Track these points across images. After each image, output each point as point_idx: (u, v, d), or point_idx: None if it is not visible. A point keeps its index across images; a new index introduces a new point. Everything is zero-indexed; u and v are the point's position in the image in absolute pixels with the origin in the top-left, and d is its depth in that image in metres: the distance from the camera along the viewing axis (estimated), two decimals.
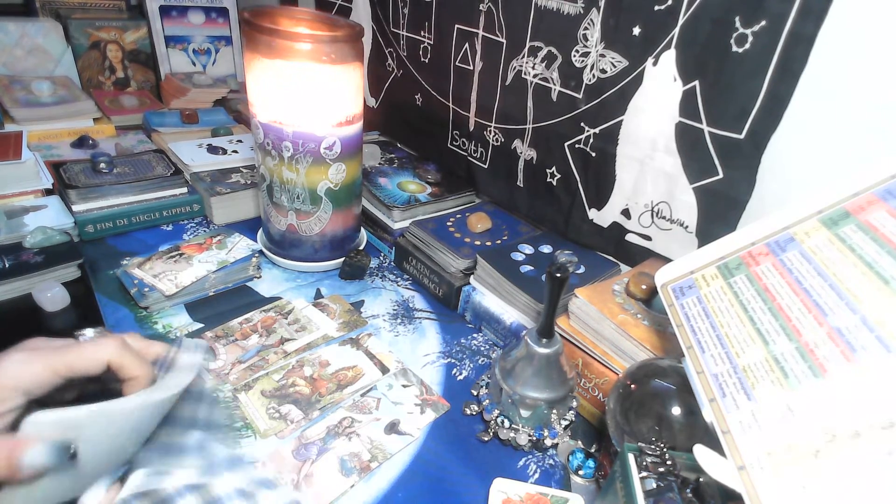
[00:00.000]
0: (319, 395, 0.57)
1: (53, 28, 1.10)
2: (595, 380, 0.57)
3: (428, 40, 0.90)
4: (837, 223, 0.39)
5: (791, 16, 0.48)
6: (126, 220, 0.80)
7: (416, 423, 0.56)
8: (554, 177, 0.77)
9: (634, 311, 0.57)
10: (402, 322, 0.71)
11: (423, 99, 0.96)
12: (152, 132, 1.05)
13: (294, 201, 0.72)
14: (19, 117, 0.98)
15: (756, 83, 0.52)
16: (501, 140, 0.83)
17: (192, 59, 1.29)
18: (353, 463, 0.51)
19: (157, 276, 0.67)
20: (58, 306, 0.64)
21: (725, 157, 0.57)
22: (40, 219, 0.74)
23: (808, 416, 0.32)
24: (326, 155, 0.68)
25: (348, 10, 1.05)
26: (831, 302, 0.36)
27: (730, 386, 0.37)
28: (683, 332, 0.42)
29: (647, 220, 0.67)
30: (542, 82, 0.73)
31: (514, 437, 0.53)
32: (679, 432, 0.42)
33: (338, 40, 0.63)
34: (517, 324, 0.66)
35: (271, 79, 0.64)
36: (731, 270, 0.43)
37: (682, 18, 0.56)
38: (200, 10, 1.25)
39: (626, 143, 0.66)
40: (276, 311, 0.69)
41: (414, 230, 0.78)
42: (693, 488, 0.37)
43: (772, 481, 0.31)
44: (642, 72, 0.61)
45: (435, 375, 0.63)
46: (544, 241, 0.77)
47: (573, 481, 0.51)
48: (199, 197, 0.86)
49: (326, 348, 0.64)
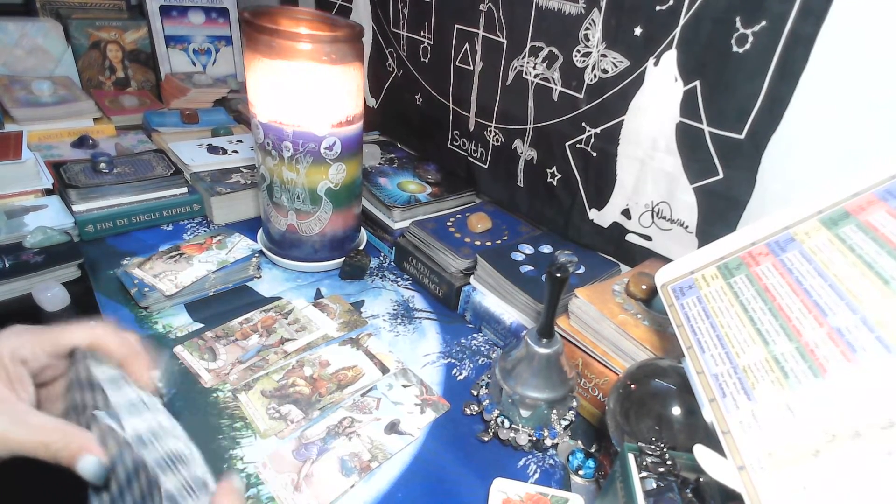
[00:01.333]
0: (319, 395, 0.57)
1: (53, 28, 1.10)
2: (595, 380, 0.57)
3: (428, 40, 0.90)
4: (837, 223, 0.39)
5: (791, 16, 0.48)
6: (126, 220, 0.80)
7: (417, 423, 0.56)
8: (554, 177, 0.77)
9: (634, 311, 0.57)
10: (402, 322, 0.71)
11: (423, 99, 0.96)
12: (152, 132, 1.04)
13: (294, 201, 0.72)
14: (19, 117, 0.98)
15: (756, 83, 0.52)
16: (502, 140, 0.83)
17: (193, 59, 1.29)
18: (353, 463, 0.51)
19: (157, 276, 0.67)
20: (58, 306, 0.64)
21: (726, 158, 0.57)
22: (40, 219, 0.74)
23: (808, 416, 0.32)
24: (326, 155, 0.68)
25: (348, 10, 1.05)
26: (831, 302, 0.36)
27: (730, 386, 0.37)
28: (683, 333, 0.42)
29: (648, 220, 0.67)
30: (544, 82, 0.73)
31: (514, 437, 0.53)
32: (679, 432, 0.42)
33: (338, 40, 0.63)
34: (517, 324, 0.66)
35: (271, 79, 0.64)
36: (731, 270, 0.43)
37: (683, 19, 0.56)
38: (200, 10, 1.25)
39: (626, 143, 0.66)
40: (276, 311, 0.69)
41: (414, 230, 0.78)
42: (693, 488, 0.37)
43: (772, 481, 0.31)
44: (643, 72, 0.61)
45: (435, 375, 0.63)
46: (544, 241, 0.77)
47: (573, 481, 0.51)
48: (199, 197, 0.86)
49: (326, 348, 0.64)
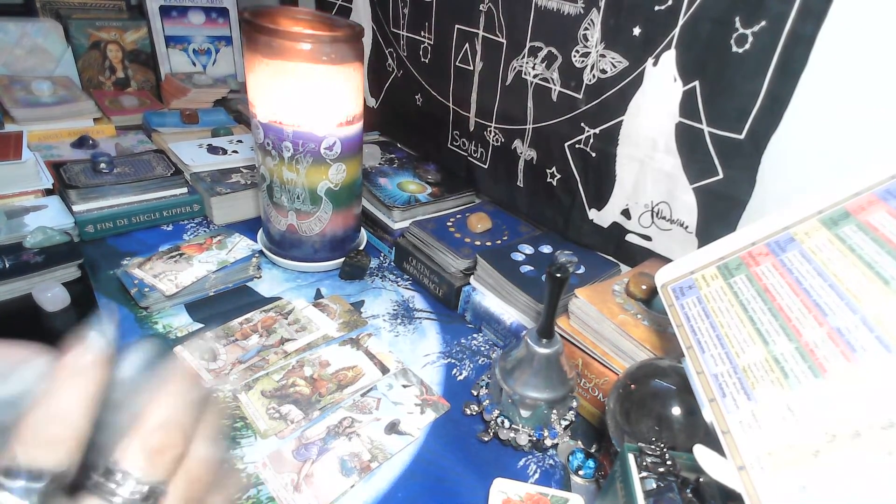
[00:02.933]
0: (319, 396, 0.57)
1: (53, 28, 1.10)
2: (595, 380, 0.57)
3: (428, 40, 0.90)
4: (837, 223, 0.39)
5: (791, 16, 0.48)
6: (126, 221, 0.80)
7: (417, 423, 0.56)
8: (554, 177, 0.77)
9: (634, 311, 0.57)
10: (402, 322, 0.71)
11: (423, 99, 0.96)
12: (152, 132, 1.04)
13: (294, 201, 0.72)
14: (19, 117, 0.98)
15: (756, 83, 0.52)
16: (501, 140, 0.83)
17: (192, 59, 1.28)
18: (353, 463, 0.51)
19: (157, 276, 0.67)
20: (58, 306, 0.64)
21: (725, 158, 0.57)
22: (40, 219, 0.74)
23: (808, 416, 0.32)
24: (326, 155, 0.68)
25: (348, 10, 1.05)
26: (831, 302, 0.36)
27: (730, 386, 0.37)
28: (683, 333, 0.42)
29: (647, 220, 0.67)
30: (543, 82, 0.73)
31: (514, 437, 0.53)
32: (679, 432, 0.42)
33: (338, 40, 0.63)
34: (517, 324, 0.66)
35: (271, 79, 0.64)
36: (731, 271, 0.43)
37: (682, 19, 0.56)
38: (200, 10, 1.25)
39: (626, 144, 0.66)
40: (276, 311, 0.69)
41: (414, 230, 0.78)
42: (693, 488, 0.37)
43: (772, 481, 0.31)
44: (642, 72, 0.61)
45: (435, 375, 0.63)
46: (544, 241, 0.77)
47: (573, 481, 0.51)
48: (199, 197, 0.86)
49: (326, 348, 0.64)
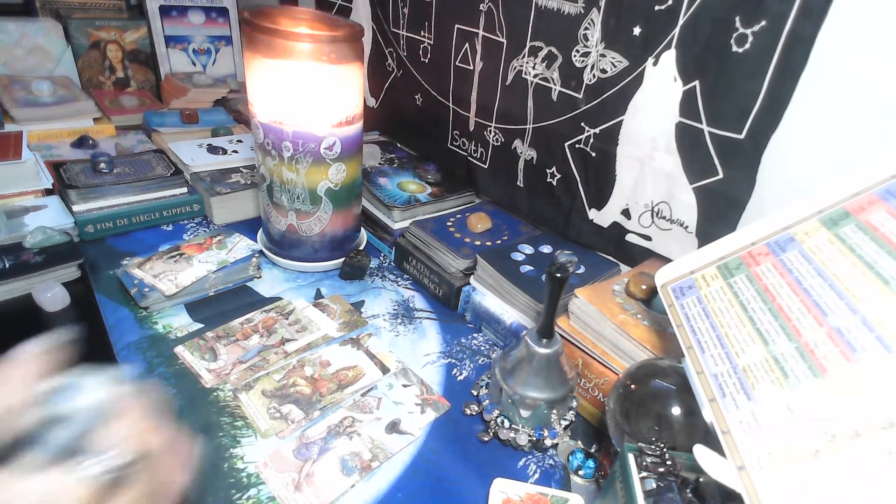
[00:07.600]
0: (320, 395, 0.57)
1: (53, 28, 1.10)
2: (595, 380, 0.57)
3: (428, 40, 0.90)
4: (837, 223, 0.39)
5: (791, 16, 0.48)
6: (126, 221, 0.80)
7: (417, 422, 0.56)
8: (554, 177, 0.77)
9: (634, 311, 0.57)
10: (403, 322, 0.71)
11: (423, 99, 0.96)
12: (152, 132, 1.04)
13: (294, 201, 0.72)
14: (19, 117, 0.98)
15: (756, 83, 0.52)
16: (501, 140, 0.83)
17: (192, 59, 1.28)
18: (353, 462, 0.51)
19: (157, 276, 0.67)
20: (58, 306, 0.64)
21: (725, 157, 0.57)
22: (40, 219, 0.74)
23: (808, 416, 0.32)
24: (326, 155, 0.68)
25: (348, 10, 1.05)
26: (831, 302, 0.36)
27: (730, 386, 0.37)
28: (683, 333, 0.42)
29: (647, 220, 0.67)
30: (543, 82, 0.73)
31: (514, 437, 0.53)
32: (679, 432, 0.42)
33: (338, 40, 0.63)
34: (517, 324, 0.66)
35: (271, 79, 0.64)
36: (731, 270, 0.43)
37: (682, 18, 0.56)
38: (200, 10, 1.25)
39: (626, 143, 0.66)
40: (276, 311, 0.69)
41: (414, 230, 0.78)
42: (693, 488, 0.37)
43: (772, 481, 0.31)
44: (642, 72, 0.61)
45: (435, 375, 0.63)
46: (544, 241, 0.77)
47: (573, 481, 0.51)
48: (199, 197, 0.86)
49: (327, 348, 0.64)
